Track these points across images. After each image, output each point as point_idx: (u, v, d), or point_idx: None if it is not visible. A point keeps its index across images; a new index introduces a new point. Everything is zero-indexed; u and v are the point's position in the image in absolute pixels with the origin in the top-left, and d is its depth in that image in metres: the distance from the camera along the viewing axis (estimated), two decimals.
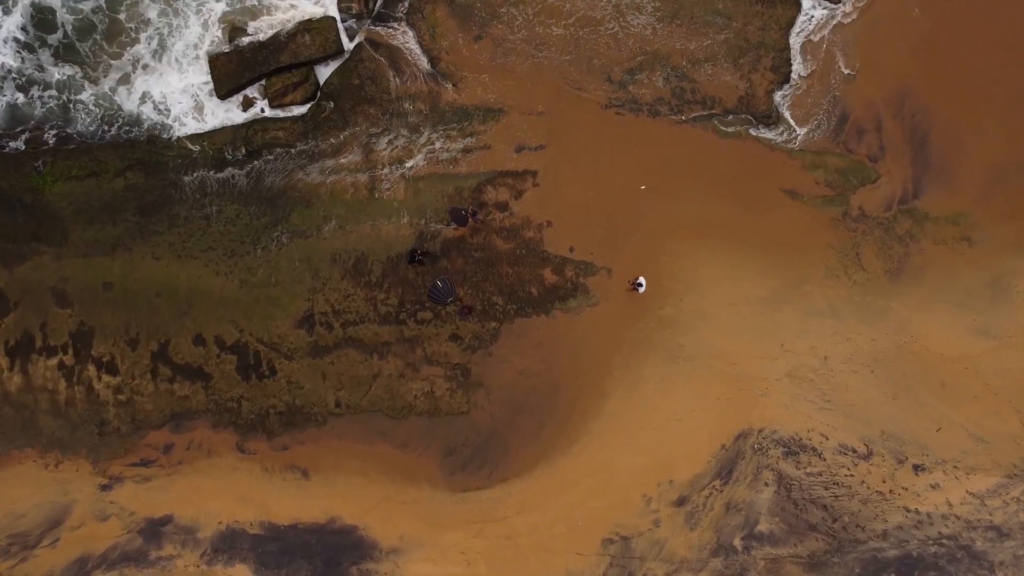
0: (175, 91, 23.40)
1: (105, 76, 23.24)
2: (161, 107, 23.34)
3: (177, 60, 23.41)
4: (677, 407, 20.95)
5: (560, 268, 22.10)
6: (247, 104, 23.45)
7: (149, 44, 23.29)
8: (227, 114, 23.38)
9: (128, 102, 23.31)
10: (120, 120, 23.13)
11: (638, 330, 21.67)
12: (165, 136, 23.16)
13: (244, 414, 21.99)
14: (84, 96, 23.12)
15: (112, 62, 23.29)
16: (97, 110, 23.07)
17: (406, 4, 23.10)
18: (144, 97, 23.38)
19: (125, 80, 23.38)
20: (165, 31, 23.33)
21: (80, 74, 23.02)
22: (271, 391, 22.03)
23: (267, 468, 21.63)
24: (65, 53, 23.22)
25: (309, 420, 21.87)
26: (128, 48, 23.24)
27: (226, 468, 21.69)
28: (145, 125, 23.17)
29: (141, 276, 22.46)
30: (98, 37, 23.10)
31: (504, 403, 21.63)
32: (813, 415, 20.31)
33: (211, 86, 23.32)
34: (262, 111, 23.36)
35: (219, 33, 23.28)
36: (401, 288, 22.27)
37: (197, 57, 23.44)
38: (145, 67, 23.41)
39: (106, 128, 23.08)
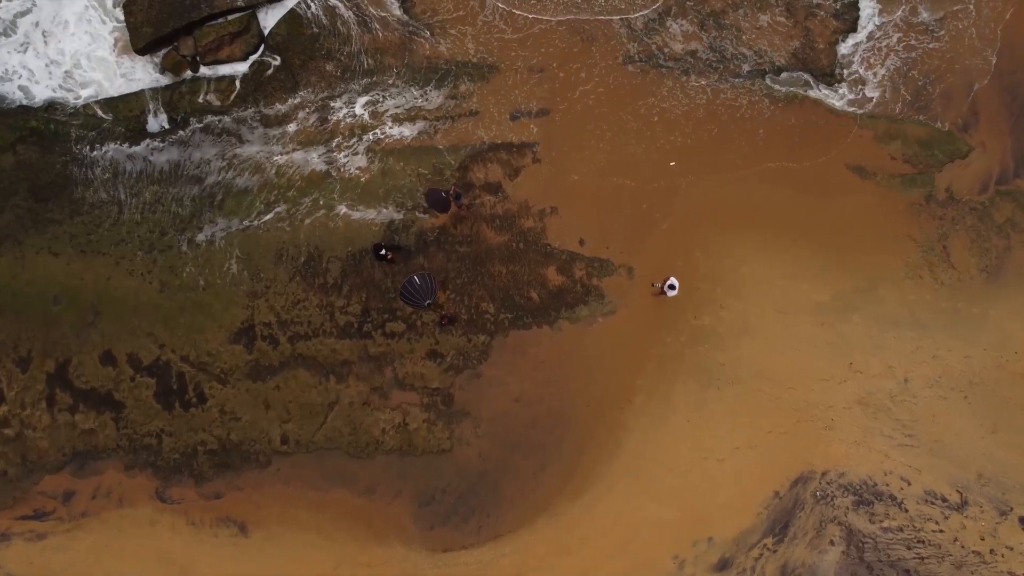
0: (79, 43, 20.62)
1: None
2: (58, 65, 20.61)
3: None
4: (717, 444, 18.98)
5: (567, 266, 19.79)
6: (172, 63, 20.57)
7: None
8: (146, 73, 20.70)
9: (11, 56, 20.57)
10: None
11: (667, 345, 19.52)
12: (66, 101, 20.55)
13: (166, 453, 19.70)
14: None
15: None
16: None
17: None
18: (31, 53, 20.63)
19: (9, 29, 20.62)
20: None
21: None
22: (200, 423, 19.75)
23: (195, 521, 19.40)
24: None
25: (248, 460, 19.64)
26: None
27: (142, 521, 19.46)
28: (39, 87, 20.48)
29: (35, 277, 20.07)
30: None
31: (496, 438, 19.43)
32: (891, 454, 18.63)
33: (127, 37, 20.57)
34: (190, 70, 20.72)
35: None
36: (365, 292, 19.93)
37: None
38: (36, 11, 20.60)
39: None
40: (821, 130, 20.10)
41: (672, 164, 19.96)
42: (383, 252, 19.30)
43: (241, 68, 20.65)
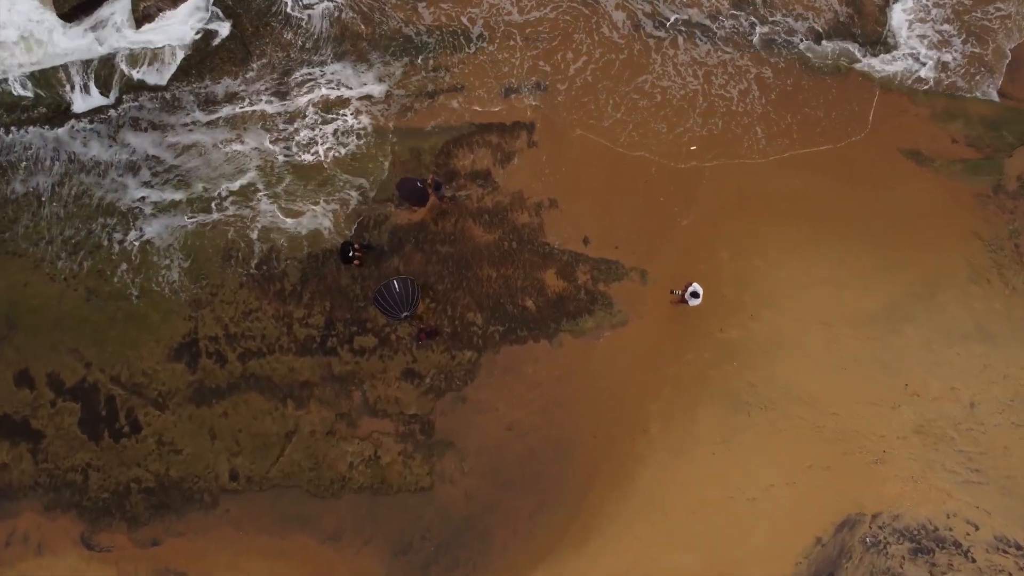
0: None
1: None
2: None
3: None
4: (747, 480, 16.94)
5: (569, 269, 17.80)
6: (103, 31, 18.24)
7: None
8: (72, 43, 18.44)
9: None
10: None
11: (687, 363, 17.45)
12: None
13: (93, 492, 17.56)
14: None
15: None
16: None
17: None
18: None
19: None
20: None
21: None
22: (133, 457, 17.58)
23: (127, 573, 17.30)
24: None
25: (191, 501, 17.47)
26: None
27: (65, 573, 17.42)
28: None
29: None
30: None
31: (485, 474, 17.32)
32: (955, 492, 16.73)
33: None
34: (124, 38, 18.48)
35: None
36: (330, 300, 17.79)
37: None
38: None
39: None
40: (869, 107, 18.11)
41: (692, 148, 17.92)
42: (352, 252, 17.13)
43: (184, 36, 18.39)
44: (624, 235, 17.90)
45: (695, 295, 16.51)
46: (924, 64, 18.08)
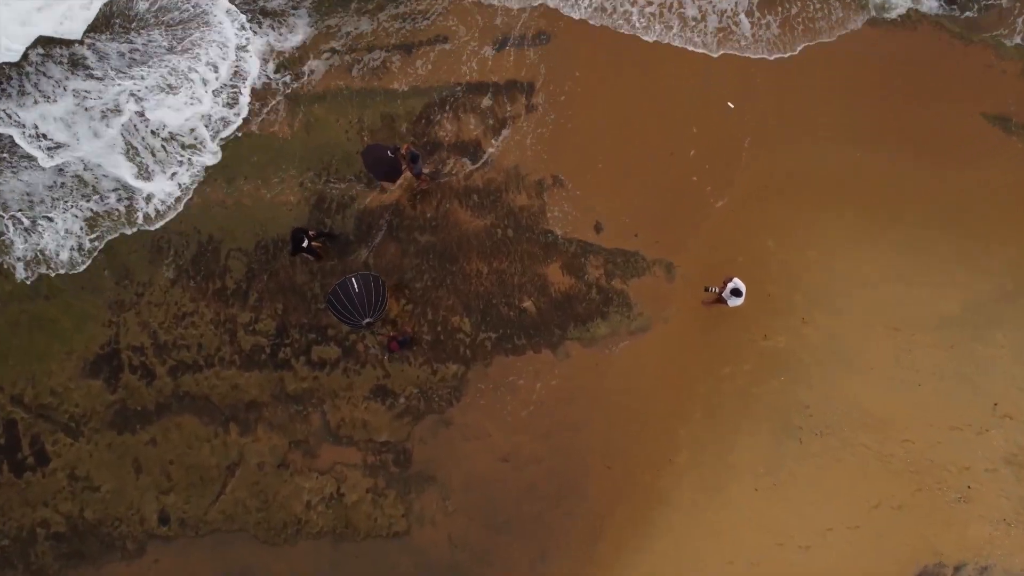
0: None
1: None
2: None
3: None
4: (800, 524, 14.36)
5: (578, 263, 15.08)
6: None
7: None
8: None
9: None
10: None
11: (724, 378, 14.71)
12: None
13: None
14: None
15: None
16: None
17: None
18: None
19: None
20: None
21: None
22: (40, 495, 14.71)
23: None
24: None
25: (111, 549, 14.61)
26: None
27: None
28: None
29: None
30: None
31: (475, 515, 14.60)
32: None
33: None
34: None
35: None
36: (282, 301, 14.94)
37: None
38: None
39: None
40: (944, 64, 15.28)
41: (730, 106, 15.15)
42: (307, 242, 14.14)
43: None
44: (645, 220, 15.08)
45: (736, 293, 13.51)
46: (1007, 9, 15.26)
